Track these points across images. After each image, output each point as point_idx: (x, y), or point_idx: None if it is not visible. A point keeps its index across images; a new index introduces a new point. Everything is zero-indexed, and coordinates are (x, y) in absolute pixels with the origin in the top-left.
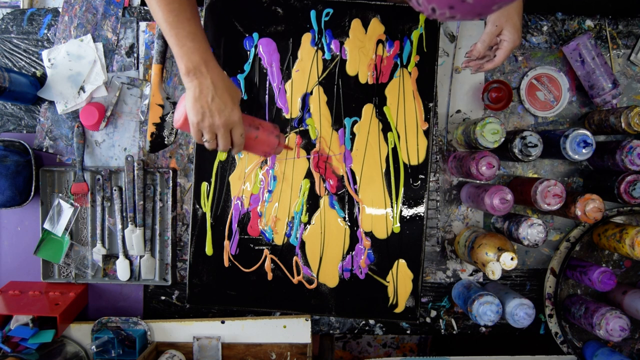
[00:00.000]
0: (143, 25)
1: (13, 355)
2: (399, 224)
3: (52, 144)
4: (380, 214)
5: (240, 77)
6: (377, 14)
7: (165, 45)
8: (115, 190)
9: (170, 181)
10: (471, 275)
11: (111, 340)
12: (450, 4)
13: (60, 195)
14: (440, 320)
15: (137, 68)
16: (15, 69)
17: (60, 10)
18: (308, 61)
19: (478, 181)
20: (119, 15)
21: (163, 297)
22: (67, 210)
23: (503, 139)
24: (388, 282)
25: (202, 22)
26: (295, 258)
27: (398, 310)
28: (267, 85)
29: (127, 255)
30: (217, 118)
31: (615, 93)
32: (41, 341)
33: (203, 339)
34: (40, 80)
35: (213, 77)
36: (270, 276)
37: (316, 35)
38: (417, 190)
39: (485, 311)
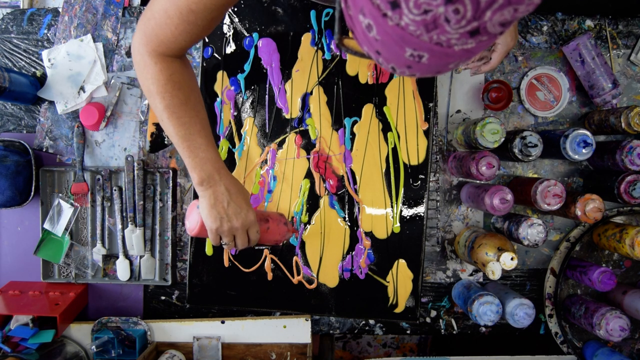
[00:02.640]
0: None
1: (13, 355)
2: (399, 224)
3: (52, 144)
4: (380, 214)
5: (240, 77)
6: None
7: None
8: (115, 190)
9: (170, 181)
10: (471, 275)
11: (111, 340)
12: (408, 64)
13: (60, 195)
14: (440, 320)
15: None
16: (15, 69)
17: (60, 10)
18: (308, 61)
19: (478, 181)
20: (119, 15)
21: (163, 297)
22: (67, 210)
23: (503, 139)
24: (388, 282)
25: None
26: (295, 258)
27: (398, 310)
28: (267, 85)
29: (127, 255)
30: (234, 221)
31: (615, 93)
32: (41, 341)
33: (203, 339)
34: (40, 80)
35: (226, 183)
36: (270, 276)
37: (316, 35)
38: (417, 190)
39: (485, 311)
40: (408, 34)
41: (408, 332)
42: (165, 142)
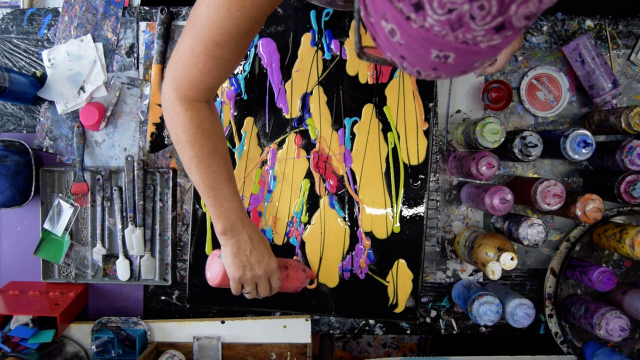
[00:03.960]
0: (143, 25)
1: (13, 355)
2: (399, 224)
3: (52, 144)
4: (380, 214)
5: (240, 77)
6: None
7: (165, 45)
8: (115, 190)
9: (170, 181)
10: (471, 275)
11: (111, 340)
12: (434, 66)
13: (60, 195)
14: (440, 320)
15: (137, 68)
16: (15, 69)
17: (60, 10)
18: (308, 61)
19: (478, 181)
20: (119, 15)
21: (163, 297)
22: (67, 210)
23: (503, 139)
24: (388, 282)
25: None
26: (295, 258)
27: (398, 310)
28: (267, 85)
29: (127, 255)
30: (257, 269)
31: (615, 93)
32: (41, 341)
33: (203, 339)
34: (40, 80)
35: (249, 232)
36: None
37: (316, 35)
38: (417, 190)
39: (485, 311)
40: (433, 35)
41: (408, 332)
42: (166, 142)
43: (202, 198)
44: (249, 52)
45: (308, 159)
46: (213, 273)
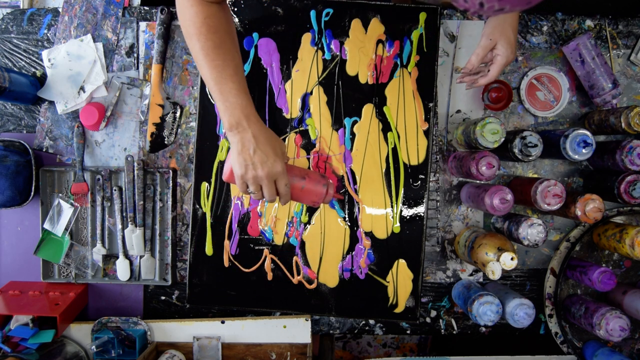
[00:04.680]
0: (143, 25)
1: (13, 355)
2: (399, 224)
3: (52, 144)
4: (380, 214)
5: None
6: (377, 14)
7: (165, 45)
8: (115, 190)
9: (170, 181)
10: (471, 275)
11: (111, 340)
12: None
13: (60, 195)
14: (440, 320)
15: (137, 68)
16: (15, 69)
17: (60, 10)
18: (308, 61)
19: (478, 181)
20: (119, 15)
21: (163, 297)
22: (67, 210)
23: (503, 139)
24: (388, 282)
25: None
26: (295, 258)
27: (398, 310)
28: (267, 85)
29: (127, 255)
30: (259, 170)
31: (615, 93)
32: (41, 341)
33: (203, 339)
34: (40, 80)
35: (254, 131)
36: (270, 276)
37: (316, 35)
38: (417, 190)
39: (485, 311)
40: None
41: (408, 332)
42: (165, 142)
43: (210, 93)
44: (249, 52)
45: (308, 159)
46: (226, 168)
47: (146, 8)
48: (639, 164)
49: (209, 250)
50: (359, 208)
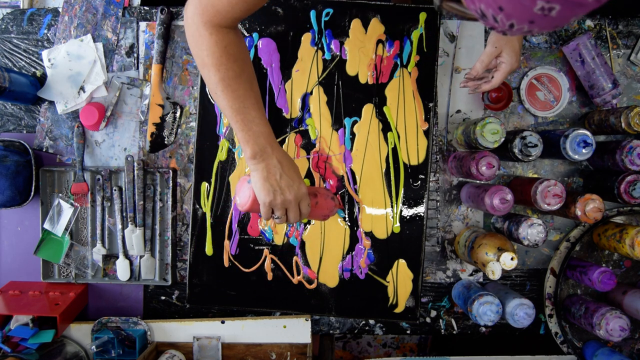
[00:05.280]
0: (143, 25)
1: (13, 355)
2: (399, 224)
3: (52, 144)
4: (380, 214)
5: None
6: (377, 14)
7: (165, 45)
8: (115, 190)
9: (170, 181)
10: (471, 275)
11: (111, 340)
12: (532, 19)
13: (60, 195)
14: (440, 320)
15: (137, 68)
16: (15, 69)
17: (60, 10)
18: (308, 61)
19: (478, 181)
20: (119, 15)
21: (163, 297)
22: (67, 210)
23: (503, 139)
24: (388, 282)
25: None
26: (295, 258)
27: (398, 310)
28: (267, 85)
29: (127, 255)
30: (287, 194)
31: (615, 93)
32: (41, 341)
33: (203, 339)
34: (40, 80)
35: (278, 157)
36: (270, 276)
37: (316, 35)
38: (417, 190)
39: (485, 311)
40: None
41: (408, 332)
42: (165, 142)
43: (231, 123)
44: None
45: (308, 159)
46: (242, 198)
47: (146, 8)
48: (639, 164)
49: (209, 250)
50: (359, 208)
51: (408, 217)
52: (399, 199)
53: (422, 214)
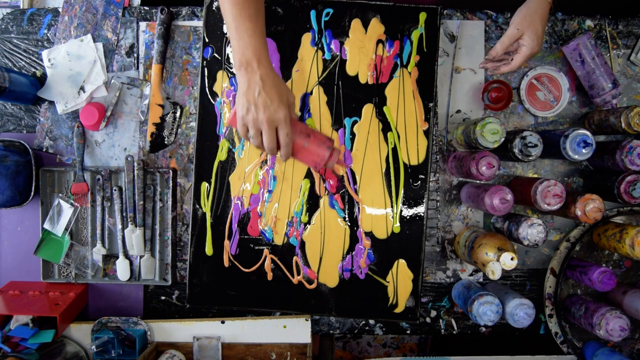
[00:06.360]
0: (143, 25)
1: (13, 355)
2: (399, 224)
3: (52, 144)
4: (380, 214)
5: None
6: (377, 14)
7: (165, 45)
8: (115, 190)
9: (170, 181)
10: (471, 275)
11: (111, 340)
12: None
13: (60, 195)
14: (440, 320)
15: (137, 68)
16: (15, 69)
17: (60, 10)
18: (308, 61)
19: (478, 181)
20: (119, 15)
21: (163, 297)
22: (67, 210)
23: (503, 139)
24: (388, 282)
25: (263, 22)
26: (295, 258)
27: (398, 310)
28: None
29: (127, 255)
30: (261, 113)
31: (615, 93)
32: (41, 341)
33: (203, 339)
34: (40, 80)
35: (262, 74)
36: (270, 276)
37: (316, 35)
38: (417, 190)
39: (485, 311)
40: None
41: (408, 332)
42: (165, 142)
43: (227, 30)
44: None
45: None
46: (232, 110)
47: (146, 8)
48: (639, 164)
49: (209, 250)
50: (359, 208)
51: (408, 217)
52: (399, 199)
53: (422, 214)
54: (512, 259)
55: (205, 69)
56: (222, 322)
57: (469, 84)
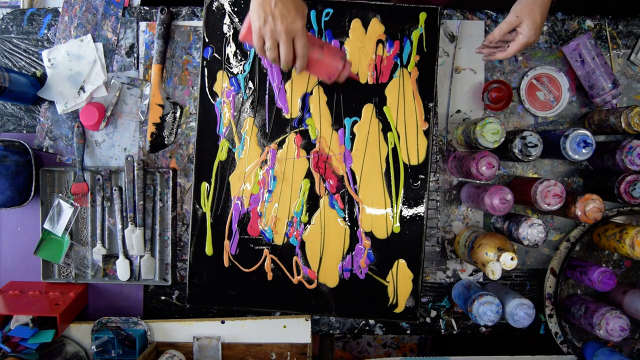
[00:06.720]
0: (143, 25)
1: (13, 355)
2: (399, 224)
3: (52, 144)
4: (380, 214)
5: (241, 77)
6: (377, 14)
7: (165, 45)
8: (115, 190)
9: (170, 181)
10: (471, 275)
11: (111, 340)
12: None
13: (60, 195)
14: (440, 320)
15: (137, 68)
16: (15, 69)
17: (60, 10)
18: None
19: (478, 181)
20: (119, 15)
21: (163, 297)
22: (67, 210)
23: (503, 139)
24: (388, 282)
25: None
26: (295, 258)
27: (398, 310)
28: (267, 85)
29: (127, 255)
30: (279, 23)
31: (615, 93)
32: (41, 341)
33: (203, 339)
34: (40, 80)
35: None
36: (270, 276)
37: (316, 35)
38: (417, 190)
39: (485, 311)
40: None
41: (408, 332)
42: (165, 142)
43: None
44: (248, 52)
45: (308, 159)
46: (244, 23)
47: (146, 8)
48: (639, 164)
49: (209, 250)
50: (359, 208)
51: (408, 217)
52: (399, 199)
53: (422, 214)
54: (512, 259)
55: (205, 69)
56: (222, 322)
57: (469, 84)
